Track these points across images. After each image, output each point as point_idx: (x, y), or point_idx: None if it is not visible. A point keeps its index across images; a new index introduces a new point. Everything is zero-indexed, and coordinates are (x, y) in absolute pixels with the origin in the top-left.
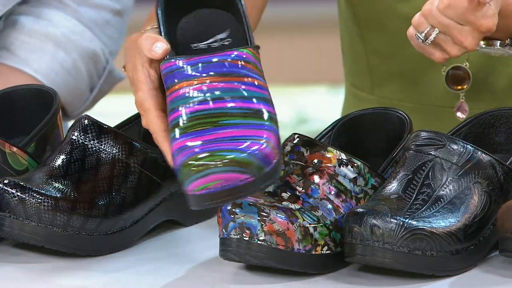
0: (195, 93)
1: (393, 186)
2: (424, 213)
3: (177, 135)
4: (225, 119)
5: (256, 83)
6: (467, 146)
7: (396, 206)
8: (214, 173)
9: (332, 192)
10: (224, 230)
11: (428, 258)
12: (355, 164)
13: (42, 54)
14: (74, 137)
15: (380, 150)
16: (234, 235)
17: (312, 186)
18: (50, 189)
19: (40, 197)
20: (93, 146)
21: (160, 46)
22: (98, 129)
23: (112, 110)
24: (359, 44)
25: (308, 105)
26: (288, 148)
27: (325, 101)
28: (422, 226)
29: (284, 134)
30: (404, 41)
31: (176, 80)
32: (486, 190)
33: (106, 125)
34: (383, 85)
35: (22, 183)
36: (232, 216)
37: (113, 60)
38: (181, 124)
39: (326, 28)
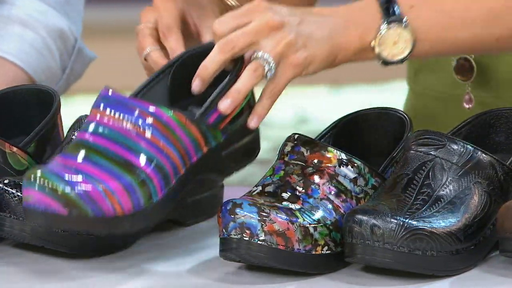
0: (94, 124)
1: (393, 186)
2: (424, 213)
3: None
4: (95, 155)
5: (151, 140)
6: (467, 146)
7: (396, 206)
8: (32, 189)
9: (332, 192)
10: (224, 230)
11: (428, 258)
12: (355, 164)
13: (10, 36)
14: (74, 137)
15: (380, 150)
16: (234, 235)
17: (312, 186)
18: None
19: None
20: None
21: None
22: None
23: None
24: None
25: (309, 105)
26: (288, 148)
27: (325, 101)
28: (422, 226)
29: (284, 134)
30: None
31: (94, 105)
32: (486, 190)
33: None
34: (417, 75)
35: (22, 183)
36: (232, 216)
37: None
38: (71, 144)
39: None
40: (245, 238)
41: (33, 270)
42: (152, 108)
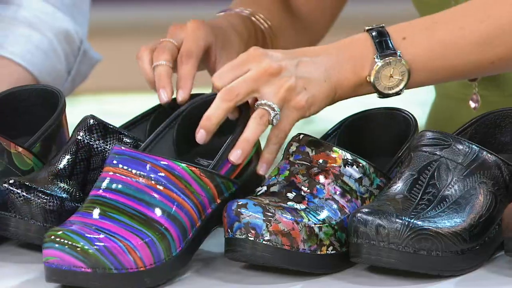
0: (108, 180)
1: (398, 186)
2: (429, 213)
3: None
4: (113, 212)
5: (168, 194)
6: (473, 146)
7: (401, 206)
8: (54, 249)
9: (337, 192)
10: (229, 230)
11: (434, 258)
12: (361, 164)
13: (16, 37)
14: (79, 137)
15: (386, 150)
16: (240, 235)
17: (318, 186)
18: (56, 189)
19: (46, 197)
20: (99, 146)
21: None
22: (103, 129)
23: (117, 109)
24: None
25: None
26: (293, 148)
27: None
28: (428, 226)
29: (289, 134)
30: None
31: (106, 162)
32: (492, 190)
33: (111, 125)
34: None
35: (27, 183)
36: (237, 216)
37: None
38: (85, 202)
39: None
40: (250, 238)
41: (37, 270)
42: (165, 162)
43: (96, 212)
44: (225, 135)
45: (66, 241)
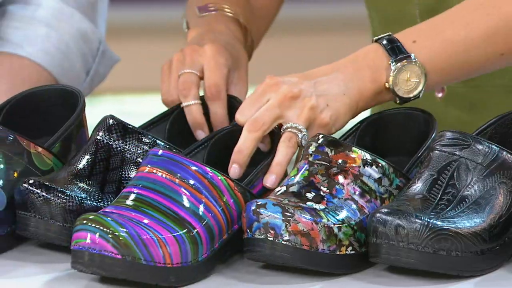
0: (143, 178)
1: (418, 186)
2: (449, 213)
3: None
4: (147, 209)
5: (203, 200)
6: (492, 146)
7: (421, 206)
8: (86, 231)
9: (357, 193)
10: (248, 230)
11: (453, 259)
12: (380, 164)
13: (35, 37)
14: (98, 137)
15: (405, 150)
16: (259, 235)
17: (337, 186)
18: (75, 189)
19: (65, 197)
20: (118, 146)
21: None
22: (122, 129)
23: (137, 110)
24: (371, 26)
25: None
26: (312, 148)
27: None
28: (447, 226)
29: None
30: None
31: (144, 162)
32: (511, 191)
33: (130, 125)
34: None
35: (47, 183)
36: (257, 216)
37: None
38: (118, 198)
39: (340, 28)
40: (269, 238)
41: (57, 270)
42: (205, 169)
43: (129, 206)
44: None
45: (99, 225)
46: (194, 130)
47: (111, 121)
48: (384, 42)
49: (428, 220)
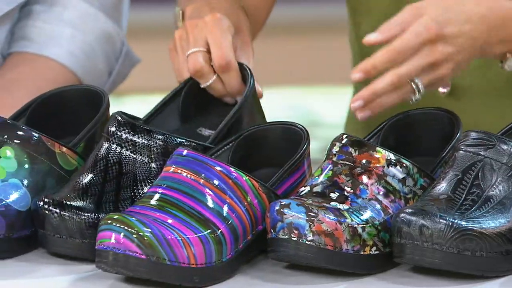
0: (168, 179)
1: (442, 187)
2: (473, 213)
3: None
4: (172, 209)
5: (227, 200)
6: None
7: (445, 207)
8: (111, 231)
9: (381, 193)
10: (272, 230)
11: (478, 259)
12: (404, 164)
13: (60, 38)
14: (109, 137)
15: (430, 150)
16: (282, 235)
17: (361, 187)
18: (90, 201)
19: (81, 214)
20: (128, 146)
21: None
22: (131, 127)
23: None
24: (352, 31)
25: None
26: (336, 148)
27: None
28: (472, 226)
29: (333, 134)
30: (385, 20)
31: (168, 163)
32: None
33: (139, 119)
34: None
35: (61, 201)
36: (280, 216)
37: None
38: (143, 198)
39: (338, 29)
40: (293, 238)
41: (76, 271)
42: (229, 170)
43: (154, 206)
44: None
45: (124, 225)
46: (226, 98)
47: (119, 118)
48: None
49: (453, 220)
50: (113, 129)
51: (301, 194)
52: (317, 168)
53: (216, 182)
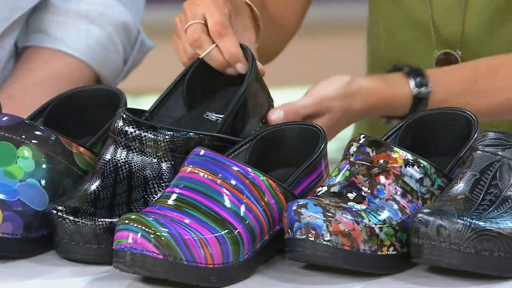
0: (185, 179)
1: (460, 187)
2: (491, 213)
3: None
4: (189, 209)
5: (244, 201)
6: None
7: (463, 207)
8: (128, 231)
9: (398, 193)
10: (289, 231)
11: (496, 259)
12: (422, 165)
13: (78, 32)
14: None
15: (447, 150)
16: (300, 235)
17: (378, 187)
18: (103, 205)
19: (94, 220)
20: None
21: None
22: (136, 124)
23: None
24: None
25: None
26: (353, 148)
27: None
28: (490, 227)
29: (351, 134)
30: (395, 28)
31: (186, 163)
32: None
33: (143, 117)
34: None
35: (75, 206)
36: (298, 217)
37: None
38: (160, 198)
39: (347, 29)
40: (310, 239)
41: (99, 269)
42: (246, 170)
43: (171, 206)
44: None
45: (141, 225)
46: (227, 69)
47: (124, 115)
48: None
49: (470, 220)
50: (119, 126)
51: (319, 194)
52: (335, 168)
53: (233, 182)
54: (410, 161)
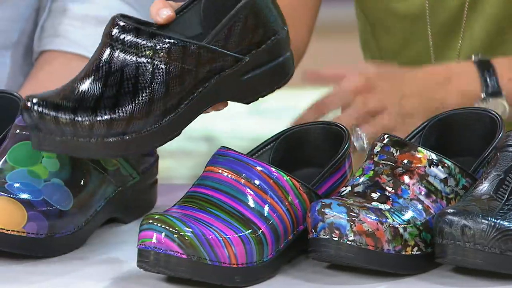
0: (210, 179)
1: (484, 187)
2: None
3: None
4: (213, 208)
5: (268, 200)
6: None
7: (487, 207)
8: (152, 230)
9: (422, 193)
10: (313, 230)
11: None
12: (446, 165)
13: (96, 37)
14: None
15: (471, 150)
16: (324, 235)
17: (402, 187)
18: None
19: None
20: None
21: (166, 12)
22: (136, 31)
23: None
24: (373, 42)
25: None
26: (377, 148)
27: None
28: None
29: None
30: (404, 40)
31: (209, 162)
32: None
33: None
34: None
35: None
36: (322, 216)
37: None
38: (183, 198)
39: (345, 30)
40: (334, 238)
41: (123, 269)
42: (270, 170)
43: (194, 206)
44: None
45: (165, 225)
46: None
47: (121, 22)
48: (481, 69)
49: (495, 220)
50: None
51: (342, 194)
52: (358, 168)
53: (257, 182)
54: (435, 161)
